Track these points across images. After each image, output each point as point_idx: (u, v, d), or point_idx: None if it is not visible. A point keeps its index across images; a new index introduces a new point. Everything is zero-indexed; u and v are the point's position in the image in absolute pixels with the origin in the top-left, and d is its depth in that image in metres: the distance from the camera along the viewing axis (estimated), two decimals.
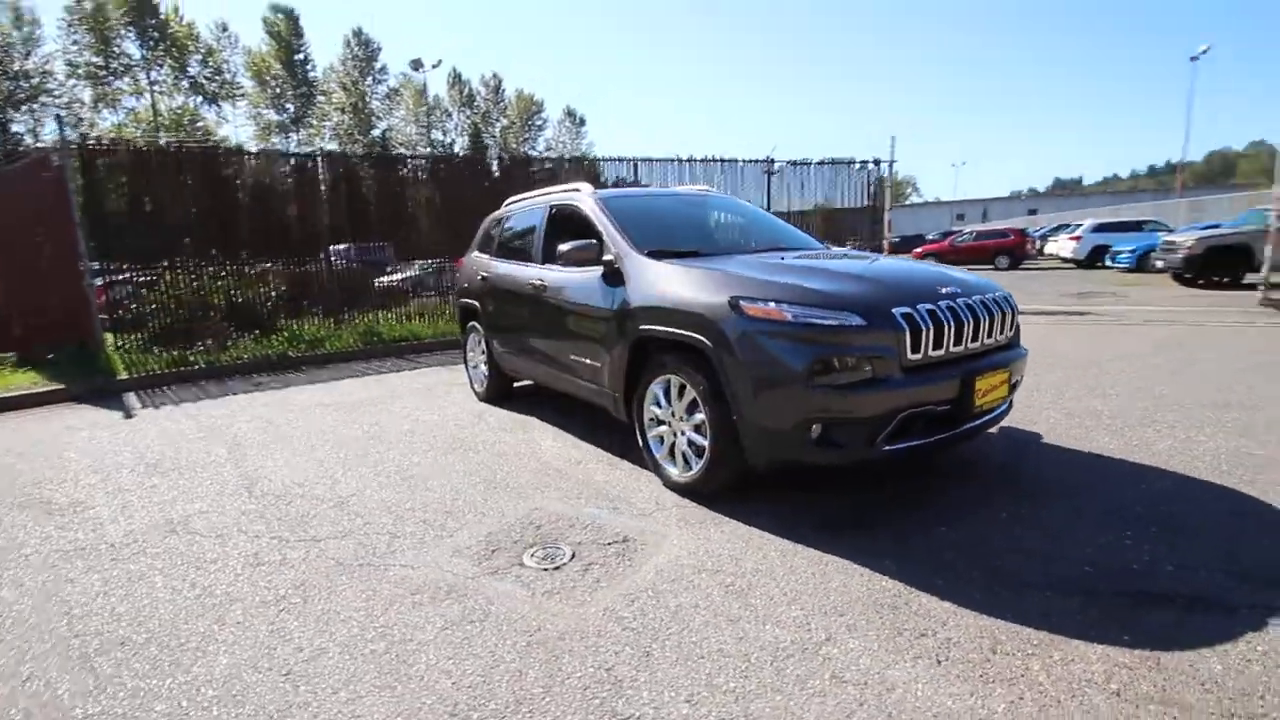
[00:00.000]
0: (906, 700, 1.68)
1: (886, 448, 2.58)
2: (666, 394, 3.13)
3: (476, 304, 5.12)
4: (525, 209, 4.88)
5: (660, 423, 3.21)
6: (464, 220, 8.75)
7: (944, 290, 2.79)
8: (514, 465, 3.71)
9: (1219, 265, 12.32)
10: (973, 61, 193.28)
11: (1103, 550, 2.39)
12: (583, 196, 4.08)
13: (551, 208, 4.39)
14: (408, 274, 10.09)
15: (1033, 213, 50.54)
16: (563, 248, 3.57)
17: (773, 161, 11.98)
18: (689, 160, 11.30)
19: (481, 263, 5.18)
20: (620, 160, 11.06)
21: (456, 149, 48.93)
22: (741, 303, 2.69)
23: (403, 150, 42.68)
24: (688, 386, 2.95)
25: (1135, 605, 2.06)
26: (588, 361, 3.69)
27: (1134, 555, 2.35)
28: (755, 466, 2.79)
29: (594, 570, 2.44)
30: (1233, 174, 78.17)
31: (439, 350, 8.59)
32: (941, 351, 2.67)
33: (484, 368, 5.29)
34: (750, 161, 11.85)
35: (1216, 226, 16.03)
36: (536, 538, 2.74)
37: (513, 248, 4.86)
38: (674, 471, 3.14)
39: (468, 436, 4.35)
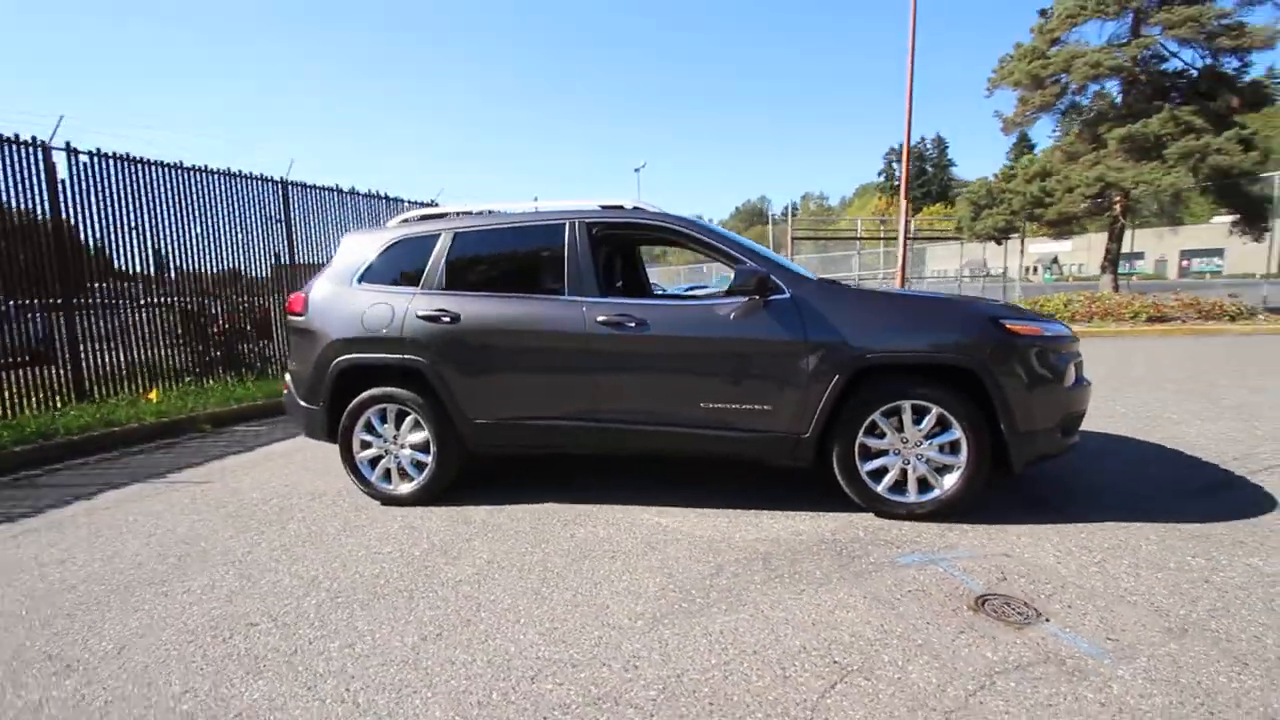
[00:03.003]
0: None
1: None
2: (890, 421, 3.02)
3: (420, 360, 3.41)
4: (505, 227, 3.60)
5: (879, 454, 3.06)
6: None
7: None
8: (707, 556, 2.77)
9: None
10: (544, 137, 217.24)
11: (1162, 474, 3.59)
12: (656, 213, 3.42)
13: (591, 226, 3.41)
14: None
15: None
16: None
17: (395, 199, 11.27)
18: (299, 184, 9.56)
19: (415, 302, 3.48)
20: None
21: None
22: (1004, 322, 2.94)
23: None
24: (932, 408, 2.95)
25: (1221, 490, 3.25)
26: (746, 406, 3.10)
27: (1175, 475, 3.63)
28: (1015, 470, 3.00)
29: (1085, 620, 2.21)
30: None
31: (123, 448, 4.96)
32: None
33: (410, 453, 3.55)
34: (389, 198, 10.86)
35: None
36: (956, 608, 2.28)
37: (510, 277, 3.58)
38: (911, 500, 3.03)
39: (526, 550, 2.92)
